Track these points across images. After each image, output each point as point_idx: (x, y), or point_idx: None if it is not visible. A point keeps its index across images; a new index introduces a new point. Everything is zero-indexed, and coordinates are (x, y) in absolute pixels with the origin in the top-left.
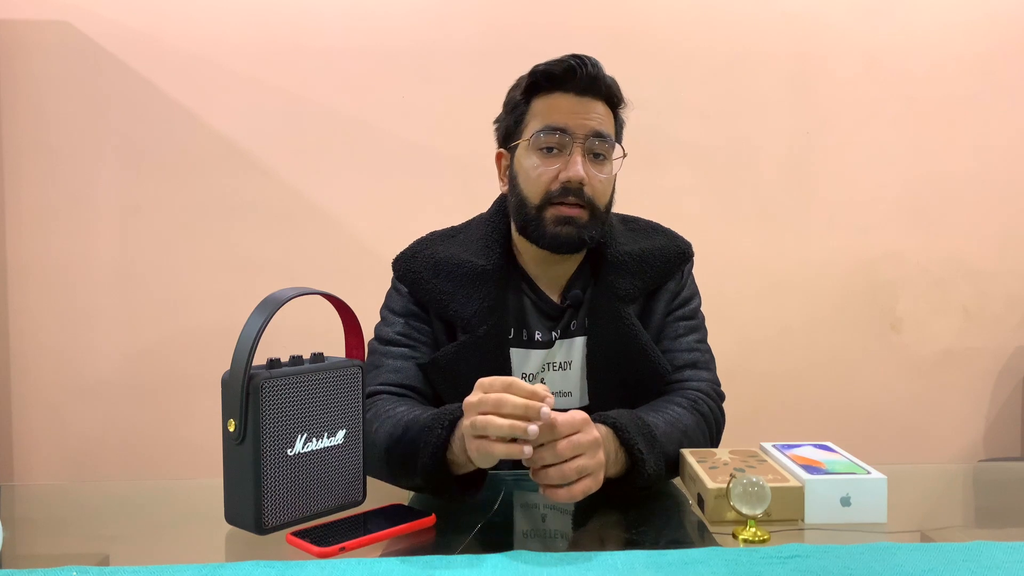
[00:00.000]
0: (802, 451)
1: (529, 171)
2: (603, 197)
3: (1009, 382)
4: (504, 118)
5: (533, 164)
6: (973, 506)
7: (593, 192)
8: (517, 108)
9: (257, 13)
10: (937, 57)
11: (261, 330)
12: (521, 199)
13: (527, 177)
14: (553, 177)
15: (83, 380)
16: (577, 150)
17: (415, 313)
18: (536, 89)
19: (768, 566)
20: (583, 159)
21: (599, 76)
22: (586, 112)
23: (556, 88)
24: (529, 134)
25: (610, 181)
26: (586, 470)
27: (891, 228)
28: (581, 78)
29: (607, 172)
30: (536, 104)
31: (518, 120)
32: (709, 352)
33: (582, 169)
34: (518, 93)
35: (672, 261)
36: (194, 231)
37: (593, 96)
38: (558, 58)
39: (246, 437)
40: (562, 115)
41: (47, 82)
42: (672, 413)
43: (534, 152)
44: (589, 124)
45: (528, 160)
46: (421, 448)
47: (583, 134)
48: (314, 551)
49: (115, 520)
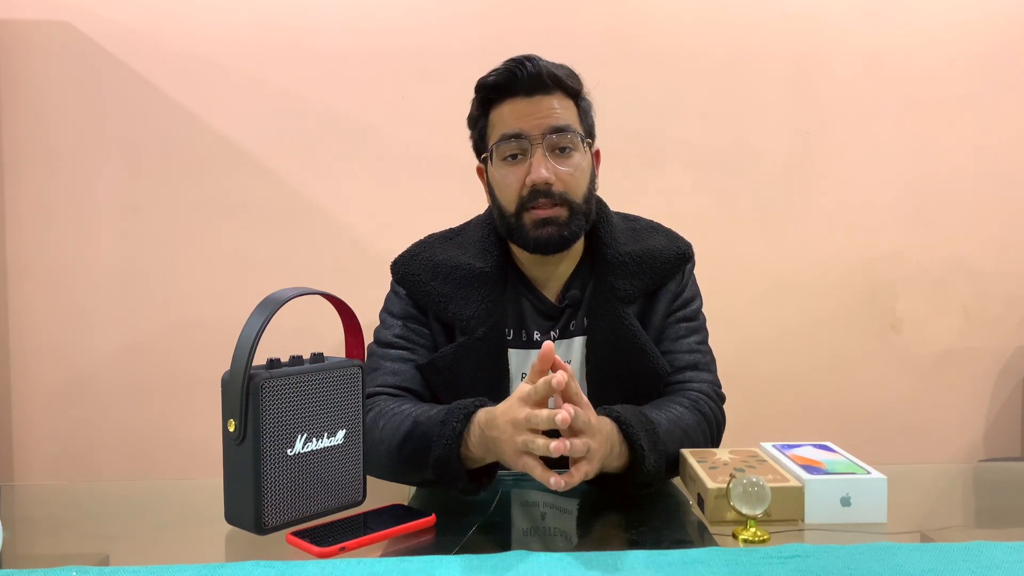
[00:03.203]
0: (802, 451)
1: (500, 181)
2: (577, 189)
3: (1009, 382)
4: (472, 136)
5: (502, 174)
6: (973, 506)
7: (564, 187)
8: (478, 123)
9: (257, 13)
10: (937, 57)
11: (261, 330)
12: (500, 209)
13: (499, 187)
14: (521, 183)
15: (83, 380)
16: (537, 151)
17: (413, 316)
18: (488, 102)
19: (768, 566)
20: (544, 158)
21: (541, 72)
22: (538, 111)
23: (505, 96)
24: (491, 145)
25: (582, 171)
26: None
27: (891, 228)
28: (523, 79)
29: (574, 164)
30: (493, 115)
31: (481, 134)
32: (710, 353)
33: (544, 169)
34: (475, 109)
35: (672, 262)
36: (194, 231)
37: (543, 93)
38: (497, 67)
39: (246, 437)
40: (515, 120)
41: (47, 82)
42: (674, 412)
43: (500, 163)
44: (544, 122)
45: (497, 171)
46: (435, 441)
47: (540, 133)
48: (314, 551)
49: (115, 520)
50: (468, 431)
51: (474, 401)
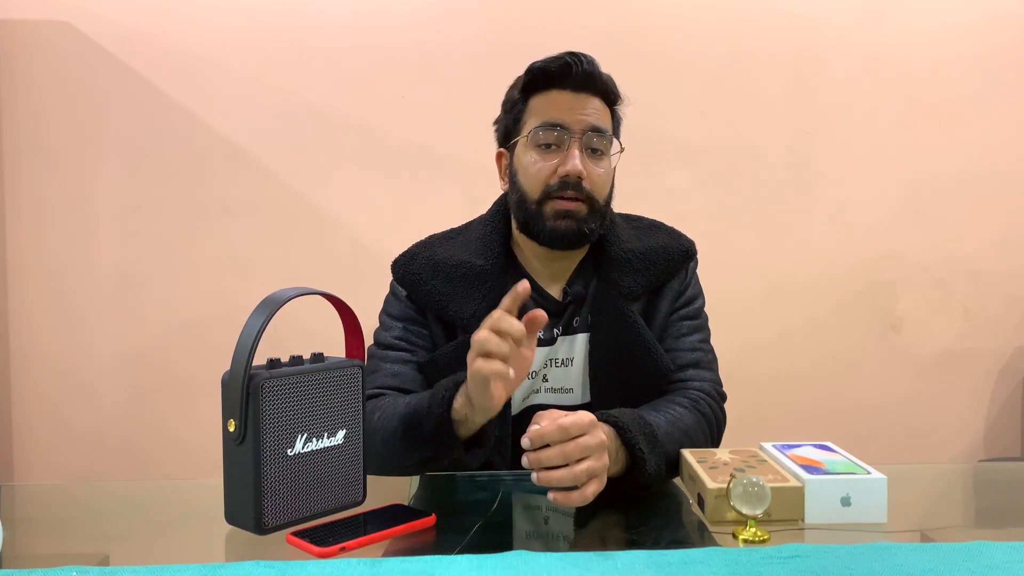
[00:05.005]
0: (802, 451)
1: (528, 167)
2: (602, 191)
3: (1009, 382)
4: (503, 117)
5: (532, 160)
6: (973, 506)
7: (592, 186)
8: (515, 106)
9: (257, 13)
10: (937, 57)
11: (261, 330)
12: (521, 195)
13: (526, 173)
14: (552, 172)
15: (83, 380)
16: (574, 145)
17: (413, 317)
18: (533, 87)
19: (768, 566)
20: (580, 154)
21: (595, 73)
22: (583, 108)
23: (553, 85)
24: (527, 131)
25: (608, 175)
26: (593, 472)
27: (891, 228)
28: (577, 75)
29: (605, 167)
30: (534, 102)
31: (517, 118)
32: (712, 352)
33: (580, 163)
34: (516, 92)
35: (675, 259)
36: (194, 231)
37: (589, 92)
38: (554, 56)
39: (246, 437)
40: (559, 111)
41: (47, 82)
42: (673, 413)
43: (533, 148)
44: (586, 120)
45: (527, 156)
46: (428, 409)
47: (580, 129)
48: (314, 551)
49: (115, 520)
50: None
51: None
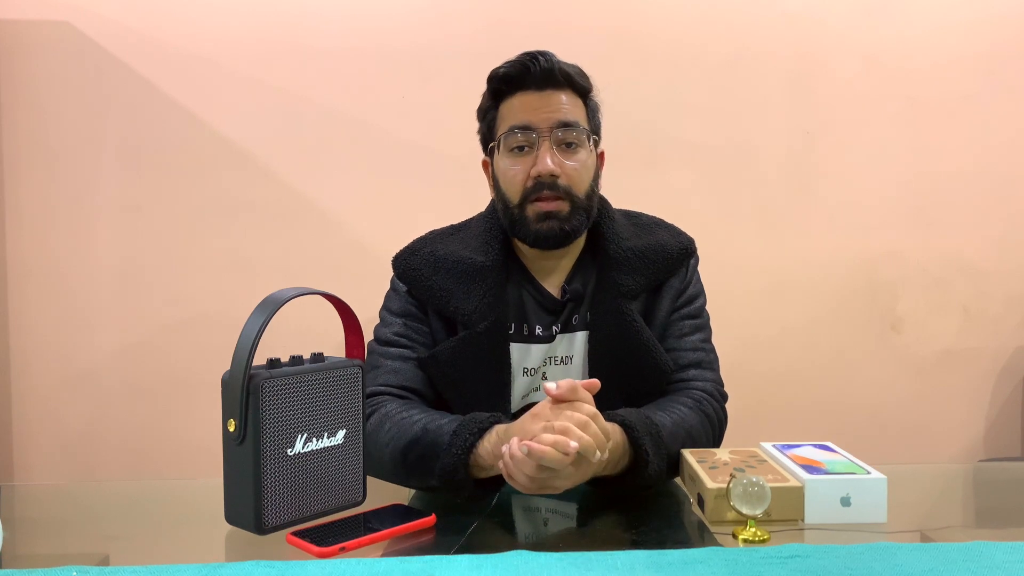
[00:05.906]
0: (802, 451)
1: (505, 172)
2: (580, 185)
3: (1009, 382)
4: (480, 127)
5: (507, 165)
6: (973, 506)
7: (568, 181)
8: (487, 115)
9: (257, 13)
10: (937, 57)
11: (261, 330)
12: (504, 201)
13: (504, 178)
14: (526, 174)
15: (83, 380)
16: (544, 144)
17: (413, 314)
18: (499, 94)
19: (768, 566)
20: (552, 151)
21: (554, 68)
22: (548, 105)
23: (516, 89)
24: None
25: (587, 167)
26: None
27: (891, 228)
28: (536, 73)
29: (580, 159)
30: (502, 108)
31: (490, 126)
32: (713, 352)
33: (550, 161)
34: (486, 101)
35: (675, 257)
36: (194, 231)
37: (554, 88)
38: (512, 60)
39: (246, 437)
40: (525, 113)
41: (47, 82)
42: (678, 413)
43: (506, 154)
44: (553, 116)
45: (503, 162)
46: (445, 449)
47: (548, 127)
48: (314, 551)
49: (115, 520)
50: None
51: (490, 416)
